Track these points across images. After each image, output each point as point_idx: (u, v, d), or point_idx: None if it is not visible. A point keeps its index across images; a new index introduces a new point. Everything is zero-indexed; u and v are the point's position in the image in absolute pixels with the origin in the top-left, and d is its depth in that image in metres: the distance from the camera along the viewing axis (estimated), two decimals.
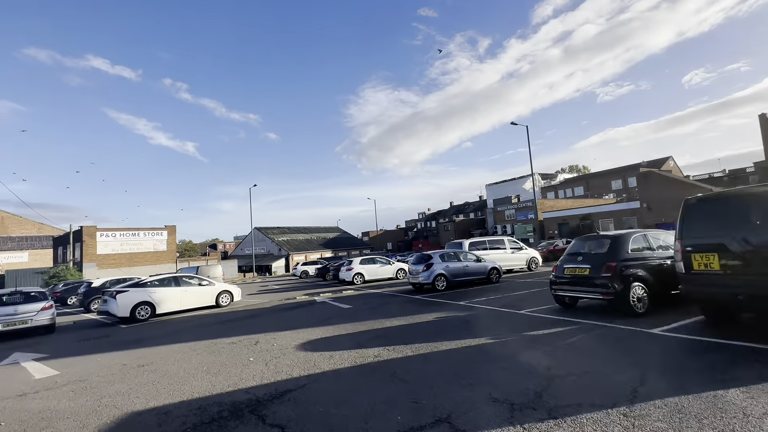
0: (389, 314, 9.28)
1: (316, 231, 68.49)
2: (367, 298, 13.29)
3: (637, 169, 57.64)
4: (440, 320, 7.94)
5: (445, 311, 9.02)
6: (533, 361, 4.65)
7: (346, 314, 9.97)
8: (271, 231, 61.38)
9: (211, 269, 25.45)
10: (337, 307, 11.69)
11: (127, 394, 4.74)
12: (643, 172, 32.60)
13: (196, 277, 14.60)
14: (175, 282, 13.65)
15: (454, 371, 4.52)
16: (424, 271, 13.71)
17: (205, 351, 6.92)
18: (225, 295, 14.63)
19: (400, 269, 21.75)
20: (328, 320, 9.20)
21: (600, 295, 6.83)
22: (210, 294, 14.22)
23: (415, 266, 14.35)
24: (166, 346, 7.72)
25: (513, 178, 74.61)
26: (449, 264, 14.08)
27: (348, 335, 7.21)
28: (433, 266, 13.69)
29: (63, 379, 5.77)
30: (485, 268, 14.82)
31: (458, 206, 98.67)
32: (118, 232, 39.19)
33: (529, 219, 44.78)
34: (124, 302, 12.11)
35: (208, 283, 14.39)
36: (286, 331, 8.16)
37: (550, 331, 6.16)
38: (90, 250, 36.99)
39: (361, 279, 20.52)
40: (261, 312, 12.12)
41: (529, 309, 8.30)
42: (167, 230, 42.73)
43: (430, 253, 14.39)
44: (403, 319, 8.44)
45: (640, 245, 7.20)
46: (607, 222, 35.68)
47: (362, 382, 4.43)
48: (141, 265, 39.88)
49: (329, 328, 8.13)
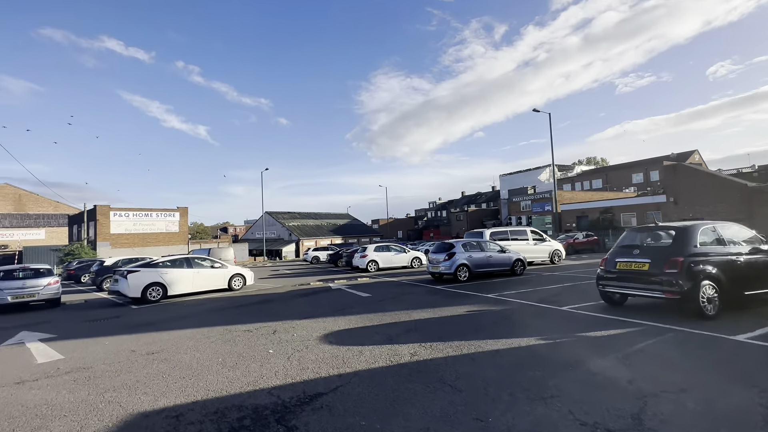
0: (414, 305, 8.61)
1: (326, 217, 68.13)
2: (385, 287, 12.66)
3: (659, 162, 55.53)
4: (474, 314, 7.24)
5: (475, 304, 8.31)
6: (607, 370, 3.92)
7: (366, 303, 9.34)
8: (282, 216, 61.19)
9: (222, 251, 25.12)
10: (355, 295, 11.08)
11: (134, 388, 4.17)
12: (671, 165, 31.05)
13: (208, 259, 14.14)
14: (187, 263, 13.19)
15: (513, 379, 3.82)
16: (445, 261, 12.99)
17: (219, 339, 6.35)
18: (237, 279, 14.16)
19: (415, 258, 21.10)
20: (348, 309, 8.58)
21: (662, 293, 6.02)
22: (222, 277, 13.76)
23: (436, 255, 13.63)
24: (178, 332, 7.19)
25: (528, 169, 72.92)
26: (472, 254, 13.33)
27: (374, 327, 6.56)
28: (455, 255, 12.95)
29: (66, 366, 5.25)
30: (510, 260, 14.03)
31: (470, 196, 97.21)
32: (131, 212, 39.25)
33: (546, 211, 43.54)
34: (136, 282, 11.70)
35: (221, 266, 13.92)
36: (305, 320, 7.56)
37: (609, 332, 5.41)
38: (104, 229, 37.15)
39: (375, 267, 19.92)
40: (275, 297, 11.59)
41: (572, 306, 7.53)
42: (179, 212, 42.70)
43: (452, 242, 13.63)
44: (431, 311, 7.76)
45: (709, 238, 6.33)
46: (629, 216, 34.34)
47: (406, 388, 3.76)
48: (153, 246, 40.02)
49: (351, 318, 7.50)
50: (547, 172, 71.61)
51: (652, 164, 55.56)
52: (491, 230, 17.62)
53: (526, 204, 46.80)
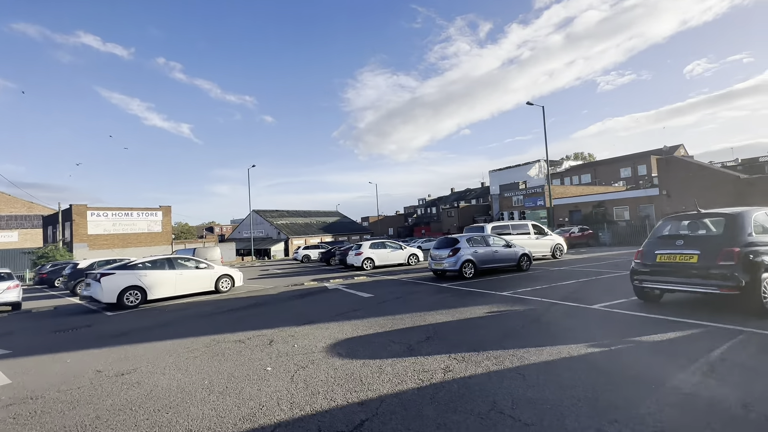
0: (425, 306, 7.75)
1: (315, 215, 66.81)
2: (386, 286, 11.77)
3: (647, 156, 56.18)
4: (497, 316, 6.42)
5: (492, 304, 7.50)
6: (701, 389, 3.12)
7: (370, 305, 8.44)
8: (270, 214, 59.64)
9: (208, 251, 23.83)
10: (355, 295, 10.17)
11: (91, 430, 3.18)
12: (664, 158, 31.03)
13: (192, 259, 13.00)
14: (169, 264, 12.04)
15: (589, 404, 2.98)
16: (449, 257, 12.17)
17: (205, 352, 5.36)
18: (225, 280, 13.07)
19: (411, 254, 20.29)
20: (352, 312, 7.67)
21: (716, 288, 5.30)
22: (208, 278, 12.65)
23: (439, 251, 12.81)
24: (157, 344, 6.16)
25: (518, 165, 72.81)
26: (477, 249, 12.55)
27: (387, 334, 5.67)
28: (460, 251, 12.15)
29: (9, 395, 4.20)
30: (516, 255, 13.32)
31: (459, 192, 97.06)
32: (110, 212, 37.34)
33: (539, 205, 43.33)
34: (110, 286, 10.52)
35: (206, 266, 12.81)
36: (304, 326, 6.62)
37: (666, 336, 4.65)
38: (80, 230, 35.20)
39: (371, 265, 19.03)
40: (268, 300, 10.58)
41: (603, 304, 6.79)
42: (162, 210, 40.91)
43: (457, 237, 12.83)
44: (446, 313, 6.92)
45: (764, 225, 5.64)
46: (622, 210, 34.29)
47: (454, 422, 2.88)
48: (135, 247, 38.23)
49: (358, 323, 6.59)
50: (537, 168, 71.75)
51: (639, 158, 56.10)
52: (493, 224, 16.91)
53: (518, 199, 46.54)
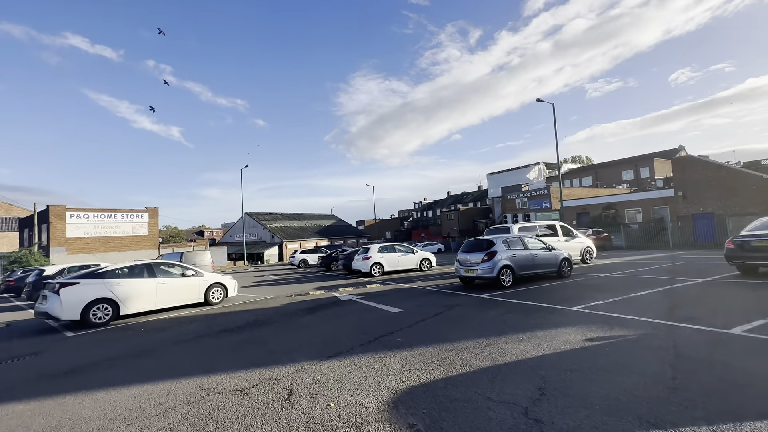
0: (485, 328, 5.86)
1: (310, 218, 64.64)
2: (410, 297, 9.86)
3: (650, 159, 55.34)
4: (607, 347, 4.55)
5: (577, 326, 5.65)
6: None
7: (407, 324, 6.52)
8: (263, 217, 57.32)
9: (198, 256, 21.65)
10: (378, 309, 8.23)
11: None
12: (680, 158, 29.74)
13: (178, 265, 10.93)
14: (148, 271, 9.96)
15: None
16: (484, 262, 10.31)
17: (188, 419, 3.39)
18: (217, 289, 11.02)
19: (424, 259, 18.41)
20: (389, 337, 5.74)
21: None
22: (197, 287, 10.60)
23: (470, 255, 10.94)
24: (115, 393, 4.16)
25: (517, 167, 71.97)
26: (515, 252, 10.72)
27: (467, 381, 3.75)
28: (496, 255, 10.30)
29: None
30: (557, 259, 11.54)
31: (456, 196, 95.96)
32: (91, 213, 34.76)
33: (544, 208, 41.89)
34: (72, 299, 8.42)
35: (194, 274, 10.75)
36: (331, 361, 4.68)
37: None
38: (58, 233, 32.57)
39: (381, 270, 17.11)
40: (270, 315, 8.56)
41: (743, 327, 4.98)
42: (148, 212, 38.41)
43: (492, 239, 10.97)
44: (525, 340, 5.03)
45: None
46: (634, 212, 32.94)
47: None
48: (118, 251, 35.66)
49: (407, 356, 4.67)
50: (537, 170, 70.83)
51: (642, 161, 55.20)
52: (520, 225, 15.14)
53: (522, 201, 45.06)
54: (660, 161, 54.17)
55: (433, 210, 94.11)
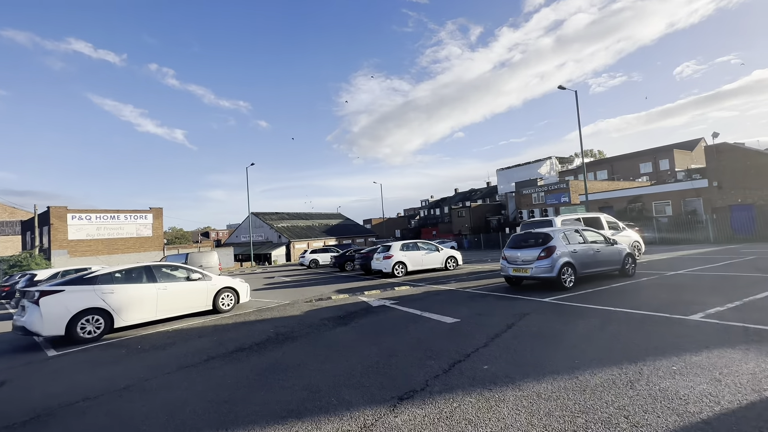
0: (602, 350, 4.29)
1: (317, 217, 63.25)
2: (456, 302, 8.30)
3: (669, 150, 53.18)
4: None
5: (730, 345, 4.06)
6: None
7: (475, 340, 4.97)
8: (270, 217, 56.01)
9: (204, 257, 20.24)
10: (426, 319, 6.68)
11: None
12: (715, 145, 27.80)
13: (183, 267, 9.45)
14: (147, 275, 8.48)
15: None
16: (542, 259, 8.71)
17: None
18: (227, 295, 9.55)
19: (450, 257, 16.84)
20: (466, 362, 4.19)
21: None
22: (204, 293, 9.12)
23: (522, 251, 9.35)
24: None
25: (528, 162, 69.97)
26: (576, 247, 9.11)
27: None
28: (555, 251, 8.69)
29: None
30: (620, 255, 9.93)
31: (464, 193, 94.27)
32: (93, 215, 33.54)
33: (562, 202, 40.09)
34: (55, 311, 6.96)
35: (201, 277, 9.27)
36: (407, 408, 3.14)
37: None
38: (59, 235, 31.39)
39: (404, 270, 15.56)
40: (292, 326, 7.04)
41: None
42: (152, 213, 37.15)
43: (548, 231, 9.36)
44: (688, 372, 3.47)
45: None
46: (663, 205, 31.07)
47: None
48: (122, 253, 34.46)
49: (518, 395, 3.13)
50: (549, 165, 68.79)
51: (661, 153, 53.08)
52: (563, 217, 13.51)
53: (539, 196, 43.27)
54: (680, 152, 52.05)
55: (441, 208, 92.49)
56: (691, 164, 53.52)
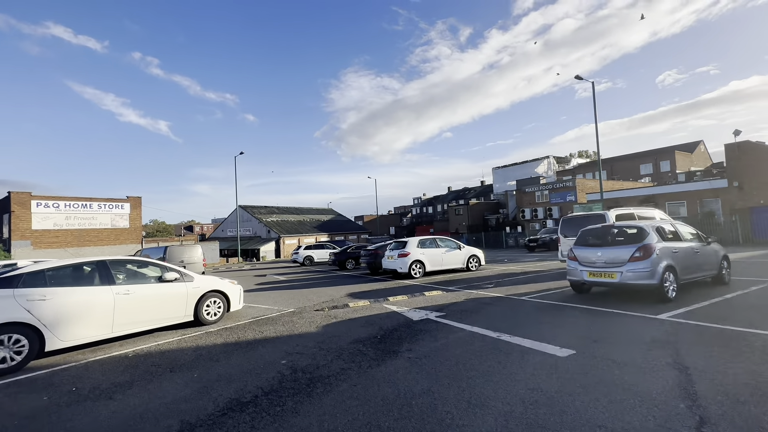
0: None
1: (308, 212, 60.55)
2: (528, 314, 6.12)
3: (670, 152, 52.44)
4: None
5: None
6: None
7: (671, 407, 2.80)
8: (259, 210, 53.08)
9: (186, 251, 17.59)
10: (515, 348, 4.47)
11: None
12: (736, 143, 26.45)
13: (155, 264, 7.01)
14: (101, 274, 6.01)
15: None
16: (637, 260, 6.58)
17: None
18: (213, 302, 7.15)
19: (472, 256, 14.73)
20: None
21: None
22: (182, 299, 6.71)
23: (603, 250, 7.20)
24: None
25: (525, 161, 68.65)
26: (675, 245, 7.04)
27: None
28: (654, 251, 6.58)
29: None
30: (717, 257, 7.93)
31: (457, 191, 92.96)
32: (62, 202, 30.20)
33: (568, 201, 38.53)
34: None
35: (179, 277, 6.83)
36: None
37: None
38: (21, 224, 28.03)
39: (422, 270, 13.37)
40: (314, 356, 4.71)
41: None
42: (130, 202, 33.95)
43: (640, 225, 7.25)
44: None
45: None
46: (677, 206, 29.67)
47: None
48: (94, 245, 31.25)
49: None
50: (546, 164, 67.53)
51: (662, 154, 52.33)
52: (616, 211, 11.50)
53: (542, 194, 41.66)
54: (681, 154, 51.40)
55: (434, 206, 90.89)
56: (691, 166, 53.00)
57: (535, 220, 41.50)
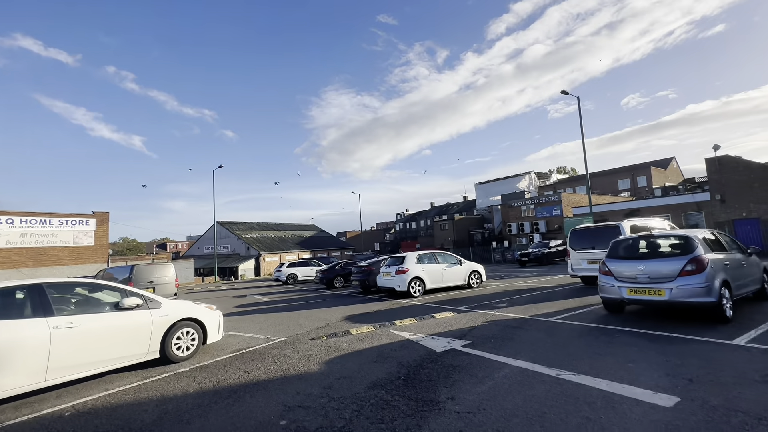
0: None
1: (290, 228, 58.60)
2: (572, 341, 5.08)
3: (646, 168, 54.11)
4: None
5: None
6: None
7: None
8: (237, 226, 50.81)
9: (156, 270, 15.77)
10: (589, 391, 3.38)
11: None
12: (717, 157, 27.04)
13: (111, 287, 5.59)
14: (34, 302, 4.56)
15: None
16: (689, 274, 5.70)
17: None
18: (186, 332, 5.76)
19: (474, 272, 13.79)
20: None
21: None
22: (146, 330, 5.30)
23: (645, 264, 6.30)
24: None
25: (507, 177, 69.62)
26: (721, 257, 6.23)
27: None
28: (707, 266, 5.72)
29: None
30: (759, 269, 7.23)
31: (440, 207, 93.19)
32: (17, 218, 27.50)
33: (554, 215, 38.59)
34: None
35: (141, 304, 5.42)
36: None
37: None
38: None
39: (422, 288, 12.24)
40: (327, 413, 3.45)
41: None
42: (96, 218, 31.43)
43: (687, 235, 6.41)
44: None
45: None
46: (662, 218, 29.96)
47: None
48: (53, 265, 28.48)
49: None
50: (527, 180, 68.61)
51: (638, 170, 53.93)
52: (631, 221, 10.85)
53: (528, 208, 41.64)
54: (657, 170, 53.08)
55: (417, 221, 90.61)
56: (665, 182, 54.79)
57: (521, 235, 41.29)
